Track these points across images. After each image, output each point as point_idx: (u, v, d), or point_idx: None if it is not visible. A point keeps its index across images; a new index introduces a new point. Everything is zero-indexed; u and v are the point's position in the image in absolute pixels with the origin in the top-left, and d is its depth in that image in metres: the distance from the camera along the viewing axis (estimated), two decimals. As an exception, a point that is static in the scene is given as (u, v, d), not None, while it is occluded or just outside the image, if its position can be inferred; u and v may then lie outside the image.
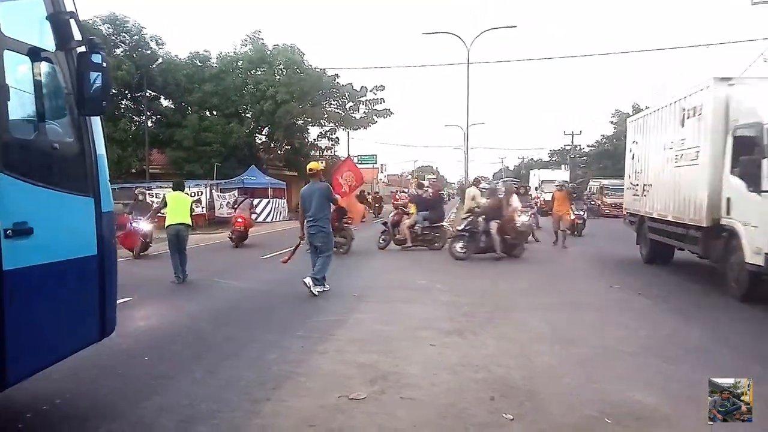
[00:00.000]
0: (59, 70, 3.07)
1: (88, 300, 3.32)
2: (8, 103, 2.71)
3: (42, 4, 2.98)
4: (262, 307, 6.72)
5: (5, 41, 2.70)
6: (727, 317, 6.46)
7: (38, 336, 2.92)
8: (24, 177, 2.77)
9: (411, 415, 3.43)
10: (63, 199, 3.09)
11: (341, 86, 29.73)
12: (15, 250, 2.63)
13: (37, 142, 2.96)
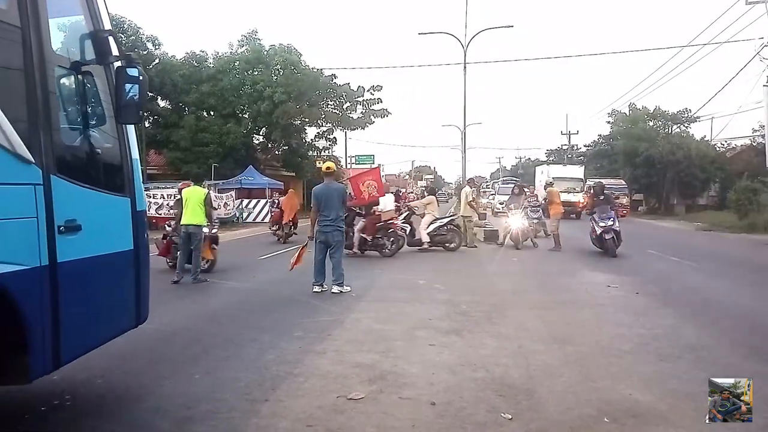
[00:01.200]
0: (99, 82, 3.40)
1: (126, 290, 3.68)
2: (59, 113, 3.09)
3: (84, 23, 3.33)
4: (260, 307, 6.72)
5: (55, 57, 3.06)
6: (726, 315, 6.48)
7: (86, 321, 3.24)
8: (73, 179, 3.09)
9: (409, 414, 3.44)
10: (105, 198, 3.44)
11: (338, 86, 29.72)
12: (67, 245, 2.97)
13: (82, 147, 3.34)
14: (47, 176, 2.89)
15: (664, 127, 36.46)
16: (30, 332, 2.76)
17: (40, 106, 2.90)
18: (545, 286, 8.38)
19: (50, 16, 3.04)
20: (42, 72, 2.92)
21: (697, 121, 35.49)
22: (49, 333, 2.88)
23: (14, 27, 2.80)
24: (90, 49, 3.31)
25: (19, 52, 2.82)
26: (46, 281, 2.86)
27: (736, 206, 22.65)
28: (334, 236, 7.60)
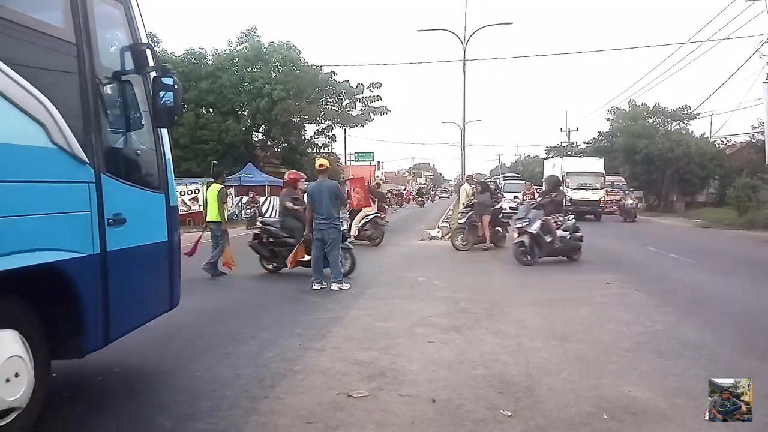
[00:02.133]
0: (138, 90, 3.76)
1: (162, 277, 4.13)
2: (106, 118, 3.47)
3: (125, 37, 3.75)
4: (259, 304, 6.72)
5: (102, 69, 3.44)
6: (725, 312, 6.49)
7: (130, 304, 3.69)
8: (118, 177, 3.51)
9: (409, 411, 3.44)
10: (144, 195, 3.86)
11: (338, 83, 29.63)
12: (114, 236, 3.39)
13: (125, 149, 3.71)
14: (98, 175, 3.29)
15: (663, 124, 36.43)
16: (85, 312, 3.14)
17: (91, 112, 3.28)
18: (545, 283, 8.38)
19: (96, 30, 3.42)
20: (93, 82, 3.31)
21: (696, 118, 35.46)
22: (100, 313, 3.30)
23: (71, 44, 3.19)
24: (130, 60, 3.70)
25: (75, 65, 3.21)
26: (98, 267, 3.27)
27: (735, 203, 22.68)
28: (329, 233, 7.60)
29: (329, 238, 7.62)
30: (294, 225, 8.66)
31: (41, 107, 2.89)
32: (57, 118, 2.98)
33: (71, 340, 3.20)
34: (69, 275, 3.02)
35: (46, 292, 3.02)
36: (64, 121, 3.01)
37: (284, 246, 8.74)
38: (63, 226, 3.03)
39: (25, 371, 2.83)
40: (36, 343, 2.96)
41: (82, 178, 3.18)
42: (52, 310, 3.09)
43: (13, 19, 2.84)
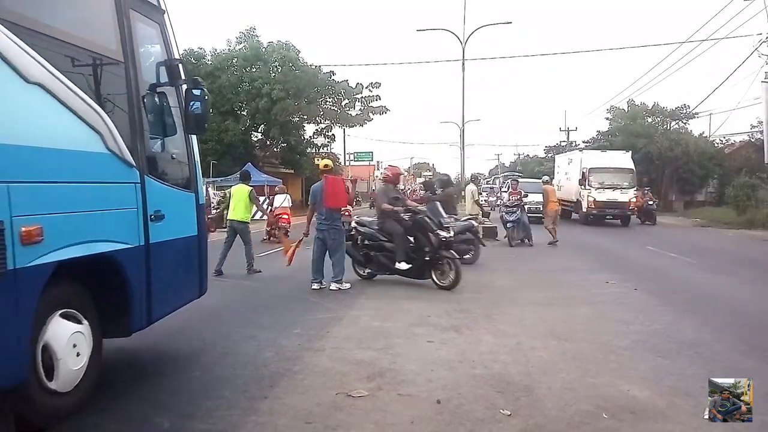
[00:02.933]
0: (172, 100, 4.18)
1: (193, 267, 4.60)
2: (147, 126, 3.90)
3: (161, 53, 4.23)
4: (258, 304, 6.71)
5: (143, 83, 3.89)
6: (724, 311, 6.50)
7: (168, 290, 4.15)
8: (158, 178, 3.98)
9: (408, 411, 3.44)
10: (178, 194, 4.33)
11: (337, 83, 29.65)
12: (155, 230, 3.85)
13: (163, 153, 4.19)
14: (143, 176, 3.75)
15: (662, 124, 36.46)
16: (132, 296, 3.62)
17: (136, 121, 3.74)
18: (544, 282, 8.38)
19: (139, 49, 3.91)
20: (136, 95, 3.78)
21: (695, 117, 35.51)
22: (144, 297, 3.76)
23: (120, 62, 3.67)
24: (164, 74, 4.11)
25: (123, 80, 3.69)
26: (143, 257, 3.74)
27: (734, 202, 22.70)
28: (330, 234, 7.61)
29: (330, 238, 7.61)
30: (394, 228, 7.81)
31: (99, 118, 3.35)
32: (111, 127, 3.44)
33: (120, 321, 3.67)
34: (120, 264, 3.51)
35: (98, 278, 3.45)
36: (116, 130, 3.48)
37: (381, 250, 8.02)
38: (115, 221, 3.53)
39: (85, 345, 3.31)
40: (92, 323, 3.40)
41: (130, 179, 3.67)
42: (104, 294, 3.53)
43: (75, 42, 3.30)
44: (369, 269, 8.32)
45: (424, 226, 7.60)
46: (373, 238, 8.12)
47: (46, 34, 3.08)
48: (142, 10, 4.03)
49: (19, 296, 2.77)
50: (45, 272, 2.92)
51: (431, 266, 7.62)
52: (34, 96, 2.92)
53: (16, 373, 2.80)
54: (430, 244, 7.49)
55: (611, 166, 21.50)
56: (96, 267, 3.36)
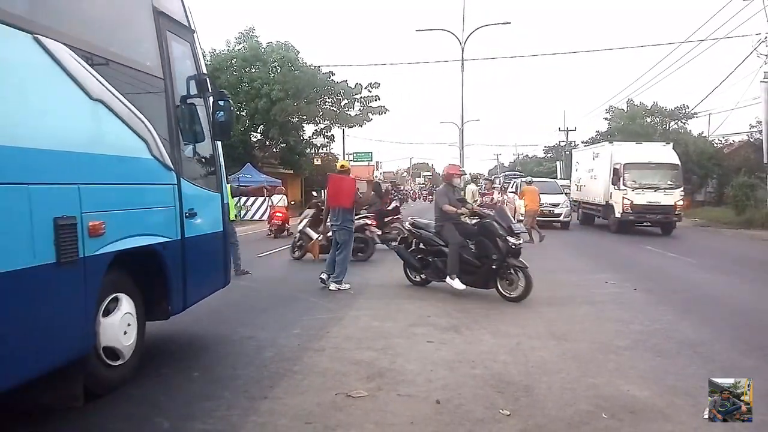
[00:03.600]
0: (200, 110, 4.61)
1: (219, 260, 5.15)
2: (181, 134, 4.37)
3: (191, 68, 4.72)
4: (258, 305, 6.70)
5: (178, 95, 4.37)
6: (724, 311, 6.50)
7: (199, 279, 4.68)
8: (191, 180, 4.49)
9: (408, 411, 3.44)
10: (207, 194, 4.84)
11: (336, 83, 29.62)
12: (189, 226, 4.39)
13: (194, 158, 4.70)
14: (179, 178, 4.25)
15: (661, 124, 36.46)
16: (171, 284, 4.15)
17: (173, 129, 4.26)
18: (543, 282, 8.35)
19: (174, 65, 4.39)
20: (173, 106, 4.31)
21: (694, 117, 35.52)
22: (181, 284, 4.29)
23: (159, 78, 4.19)
24: (194, 87, 4.58)
25: (162, 94, 4.21)
26: (179, 250, 4.26)
27: (733, 202, 22.70)
28: (339, 234, 7.71)
29: (340, 239, 7.70)
30: (450, 236, 7.22)
31: (145, 128, 3.84)
32: (154, 136, 3.93)
33: (160, 306, 4.21)
34: (162, 255, 4.03)
35: (143, 267, 3.93)
36: (158, 138, 3.97)
37: (439, 256, 7.41)
38: (158, 217, 4.06)
39: (134, 325, 3.83)
40: (138, 306, 3.91)
41: (170, 181, 4.18)
42: (147, 282, 4.02)
43: (124, 62, 3.77)
44: (424, 275, 7.75)
45: (491, 230, 6.96)
46: (430, 243, 7.56)
47: (104, 57, 3.54)
48: (176, 31, 4.56)
49: (87, 280, 3.25)
50: (106, 260, 3.42)
51: (497, 275, 6.95)
52: (97, 111, 3.42)
53: (85, 344, 3.32)
54: (497, 250, 6.81)
55: (652, 161, 17.46)
56: (142, 257, 3.86)
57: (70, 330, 3.17)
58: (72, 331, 3.18)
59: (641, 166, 17.22)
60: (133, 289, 3.90)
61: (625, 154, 17.87)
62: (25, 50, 2.94)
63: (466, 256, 7.14)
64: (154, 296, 4.13)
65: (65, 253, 3.03)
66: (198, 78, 4.66)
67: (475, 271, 7.09)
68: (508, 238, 6.83)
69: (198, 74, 4.71)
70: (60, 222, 3.01)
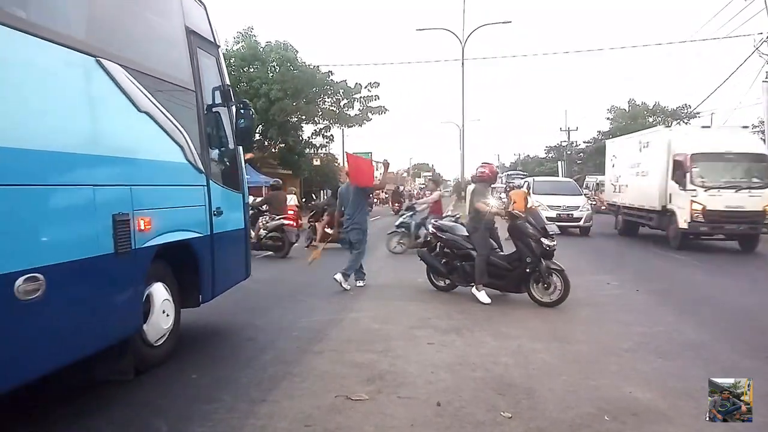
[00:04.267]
0: (225, 118, 5.12)
1: (241, 254, 5.63)
2: (210, 140, 4.87)
3: (217, 79, 5.21)
4: (257, 306, 6.67)
5: (206, 105, 4.90)
6: (726, 312, 6.47)
7: (226, 271, 5.17)
8: (218, 182, 4.99)
9: (408, 414, 3.41)
10: (231, 194, 5.29)
11: (335, 83, 29.57)
12: (217, 223, 4.86)
13: (220, 161, 5.17)
14: (208, 180, 4.74)
15: (663, 123, 36.47)
16: (202, 275, 4.67)
17: (203, 136, 4.75)
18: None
19: (203, 78, 4.87)
20: (203, 115, 4.80)
21: (697, 117, 35.50)
22: (210, 276, 4.78)
23: (192, 90, 4.69)
24: (219, 97, 5.07)
25: (194, 104, 4.72)
26: (209, 244, 4.75)
27: (735, 202, 22.55)
28: (352, 235, 7.85)
29: (354, 239, 7.83)
30: (480, 242, 6.85)
31: (181, 135, 4.32)
32: (188, 142, 4.42)
33: (192, 294, 4.72)
34: (195, 249, 4.53)
35: (179, 259, 4.40)
36: (191, 144, 4.47)
37: (467, 259, 7.01)
38: (192, 215, 4.54)
39: (171, 311, 4.34)
40: (174, 294, 4.40)
41: (201, 183, 4.66)
42: (182, 273, 4.51)
43: (163, 77, 4.24)
44: (450, 280, 7.37)
45: (524, 232, 6.70)
46: (457, 246, 7.17)
47: (147, 74, 3.98)
48: (204, 47, 5.04)
49: (136, 269, 3.77)
50: (151, 253, 3.90)
51: (530, 279, 6.70)
52: (143, 121, 3.89)
53: (135, 324, 3.84)
54: (531, 253, 6.57)
55: (730, 151, 12.54)
56: (178, 251, 4.33)
57: (123, 312, 3.71)
58: (125, 313, 3.72)
59: (715, 158, 12.38)
60: (171, 279, 4.40)
61: (690, 142, 12.98)
62: (90, 72, 3.43)
63: (497, 260, 6.91)
64: (187, 286, 4.62)
65: (121, 245, 3.52)
66: (222, 89, 5.16)
67: (507, 275, 6.83)
68: (542, 240, 6.60)
69: (222, 85, 5.20)
70: (117, 218, 3.49)
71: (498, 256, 6.99)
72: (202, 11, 5.19)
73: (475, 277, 6.83)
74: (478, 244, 6.87)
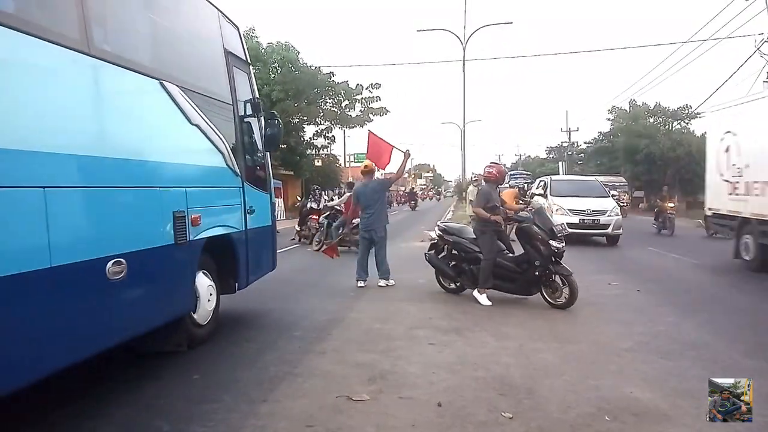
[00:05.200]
0: (255, 127, 5.84)
1: (269, 248, 6.33)
2: (244, 147, 5.55)
3: (248, 93, 5.83)
4: (257, 306, 6.68)
5: (240, 116, 5.56)
6: (727, 312, 6.47)
7: (257, 262, 5.87)
8: (251, 184, 5.62)
9: (409, 414, 3.42)
10: (260, 194, 5.91)
11: (337, 84, 29.60)
12: (250, 220, 5.53)
13: (252, 165, 5.78)
14: (243, 183, 5.42)
15: (664, 124, 36.42)
16: (238, 265, 5.35)
17: (239, 143, 5.44)
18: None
19: (238, 92, 5.53)
20: (238, 125, 5.48)
21: (697, 118, 35.39)
22: (245, 266, 5.46)
23: (229, 104, 5.37)
24: (250, 108, 5.77)
25: (231, 116, 5.38)
26: (244, 238, 5.42)
27: (736, 203, 22.48)
28: (377, 232, 7.82)
29: (377, 237, 7.84)
30: (486, 246, 6.69)
31: (222, 143, 4.99)
32: (228, 149, 5.11)
33: (229, 282, 5.39)
34: (233, 242, 5.20)
35: (219, 251, 5.02)
36: (231, 151, 5.16)
37: (475, 263, 6.85)
38: (230, 213, 5.21)
39: (214, 295, 5.06)
40: (215, 281, 5.07)
41: (238, 185, 5.35)
42: (222, 263, 5.16)
43: (208, 94, 4.92)
44: (459, 282, 7.26)
45: (531, 234, 6.57)
46: (464, 249, 7.03)
47: (197, 92, 4.65)
48: (238, 65, 5.69)
49: (190, 258, 4.49)
50: (200, 244, 4.62)
51: (540, 281, 6.58)
52: (194, 131, 4.59)
53: (188, 305, 4.55)
54: (539, 256, 6.44)
55: None
56: (219, 244, 4.96)
57: (181, 293, 4.42)
58: (182, 294, 4.43)
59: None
60: (214, 268, 5.05)
61: None
62: (154, 94, 4.10)
63: (506, 263, 6.76)
64: (225, 275, 5.27)
65: (179, 237, 4.19)
66: (253, 101, 5.85)
67: (516, 278, 6.70)
68: (550, 242, 6.40)
69: (253, 98, 5.89)
70: (177, 214, 4.17)
71: (507, 258, 6.82)
72: (236, 33, 5.90)
73: (480, 280, 6.73)
74: (484, 247, 6.73)
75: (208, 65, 5.23)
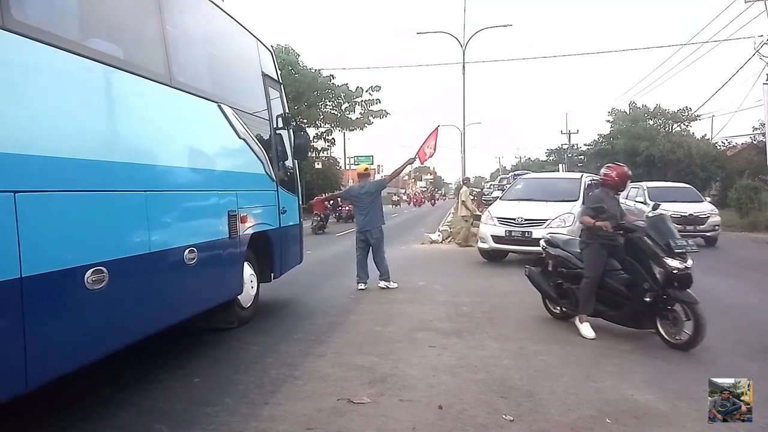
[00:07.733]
0: (285, 137, 6.72)
1: (298, 243, 7.21)
2: (277, 155, 6.40)
3: (280, 107, 6.74)
4: (258, 309, 6.68)
5: (274, 129, 6.46)
6: (726, 314, 6.45)
7: (288, 256, 6.72)
8: (283, 187, 6.45)
9: (410, 417, 3.41)
10: (290, 197, 6.75)
11: (337, 87, 29.66)
12: (283, 219, 6.40)
13: (284, 171, 6.63)
14: (277, 187, 6.26)
15: (664, 126, 36.43)
16: (274, 258, 6.24)
17: (274, 153, 6.28)
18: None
19: (272, 108, 6.46)
20: (273, 137, 6.38)
21: (697, 120, 35.49)
22: (279, 259, 6.36)
23: (266, 119, 6.31)
24: (282, 121, 6.63)
25: (268, 130, 6.29)
26: (279, 235, 6.28)
27: (737, 205, 22.65)
28: (372, 234, 7.87)
29: (373, 238, 7.89)
30: (590, 260, 5.35)
31: (262, 153, 5.88)
32: (266, 158, 5.97)
33: (266, 273, 6.23)
34: (270, 238, 6.06)
35: (258, 246, 5.80)
36: (268, 159, 6.01)
37: (577, 282, 5.49)
38: (268, 213, 6.04)
39: (255, 283, 5.93)
40: (255, 271, 5.90)
41: (273, 188, 6.21)
42: (260, 256, 5.96)
43: (251, 111, 5.80)
44: (563, 306, 5.89)
45: (642, 249, 5.07)
46: (568, 265, 5.76)
47: (243, 110, 5.50)
48: (272, 85, 6.61)
49: (240, 250, 5.31)
50: (247, 239, 5.45)
51: (654, 311, 5.02)
52: (242, 144, 5.46)
53: (238, 289, 5.38)
54: (650, 278, 4.95)
55: None
56: (260, 239, 5.76)
57: (233, 279, 5.25)
58: (233, 279, 5.26)
59: None
60: (255, 260, 5.84)
61: None
62: (214, 114, 4.99)
63: (613, 283, 5.31)
64: (263, 267, 6.07)
65: (232, 233, 5.03)
66: (284, 115, 6.70)
67: (624, 303, 5.23)
68: (665, 261, 4.86)
69: (284, 112, 6.77)
70: (231, 214, 5.02)
71: (617, 278, 5.32)
72: (269, 56, 6.81)
73: (580, 303, 5.40)
74: (587, 263, 5.38)
75: (251, 87, 6.14)
